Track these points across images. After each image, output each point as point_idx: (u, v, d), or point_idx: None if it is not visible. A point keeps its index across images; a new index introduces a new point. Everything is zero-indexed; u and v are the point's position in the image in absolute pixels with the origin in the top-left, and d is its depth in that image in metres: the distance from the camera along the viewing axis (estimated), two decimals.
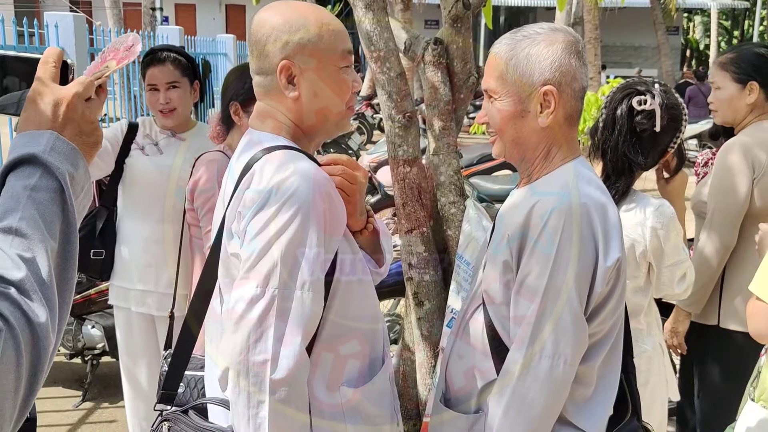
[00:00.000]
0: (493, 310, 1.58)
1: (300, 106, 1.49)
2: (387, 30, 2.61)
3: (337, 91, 1.50)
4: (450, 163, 2.79)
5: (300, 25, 1.46)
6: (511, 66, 1.55)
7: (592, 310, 1.48)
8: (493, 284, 1.57)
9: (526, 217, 1.49)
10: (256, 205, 1.37)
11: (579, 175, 1.54)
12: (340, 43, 1.49)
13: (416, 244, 2.78)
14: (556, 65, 1.53)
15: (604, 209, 1.49)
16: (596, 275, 1.46)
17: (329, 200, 1.41)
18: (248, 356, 1.32)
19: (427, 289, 2.81)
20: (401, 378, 3.06)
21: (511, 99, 1.56)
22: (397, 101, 2.67)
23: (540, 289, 1.45)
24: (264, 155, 1.43)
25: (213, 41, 11.00)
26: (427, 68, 2.79)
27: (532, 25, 1.60)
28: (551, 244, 1.45)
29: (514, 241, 1.52)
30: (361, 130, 10.31)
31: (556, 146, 1.58)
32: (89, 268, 2.95)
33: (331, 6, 19.66)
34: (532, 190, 1.56)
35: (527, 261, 1.48)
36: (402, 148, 2.72)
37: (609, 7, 13.94)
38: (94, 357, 3.71)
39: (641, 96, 1.94)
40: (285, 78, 1.46)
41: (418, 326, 2.84)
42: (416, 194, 2.76)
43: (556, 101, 1.53)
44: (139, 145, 2.91)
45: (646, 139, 1.94)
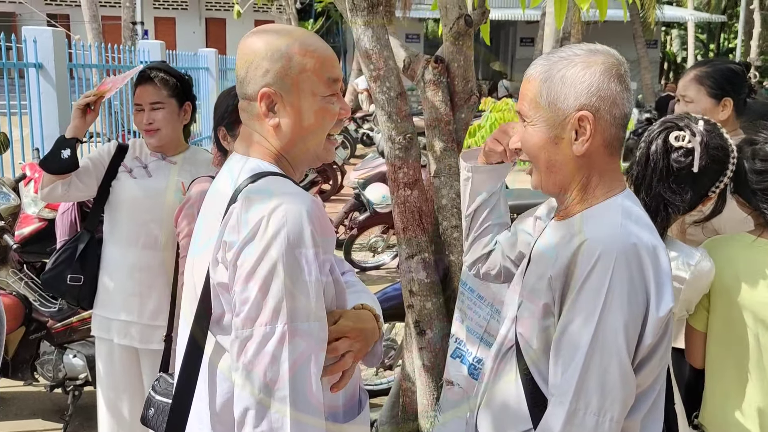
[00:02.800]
0: (529, 356, 1.46)
1: (280, 133, 1.45)
2: (387, 48, 2.50)
3: (318, 121, 1.45)
4: (452, 186, 2.68)
5: (282, 53, 1.42)
6: (545, 89, 1.44)
7: (639, 361, 1.37)
8: (531, 328, 1.45)
9: (572, 259, 1.37)
10: (245, 237, 1.33)
11: (628, 212, 1.42)
12: (325, 72, 1.44)
13: (417, 270, 2.66)
14: (594, 89, 1.41)
15: (656, 253, 1.38)
16: (646, 325, 1.35)
17: (319, 223, 1.35)
18: (267, 395, 1.29)
19: (429, 317, 2.69)
20: (401, 409, 2.93)
21: (545, 124, 1.45)
22: (398, 122, 2.55)
23: (586, 338, 1.33)
24: (248, 183, 1.39)
25: (194, 56, 10.84)
26: (427, 88, 2.68)
27: (571, 46, 1.48)
28: (599, 289, 1.33)
29: (557, 283, 1.39)
30: (344, 144, 10.18)
31: (597, 177, 1.46)
32: (66, 293, 2.81)
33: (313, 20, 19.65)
34: (576, 227, 1.44)
35: (572, 307, 1.36)
36: (402, 170, 2.60)
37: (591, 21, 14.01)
38: (76, 387, 3.53)
39: (680, 131, 1.79)
40: (265, 105, 1.43)
41: (419, 356, 2.72)
42: (417, 218, 2.64)
43: (593, 128, 1.42)
44: (127, 168, 2.77)
45: (684, 179, 1.77)
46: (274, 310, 1.30)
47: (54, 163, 2.63)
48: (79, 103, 2.65)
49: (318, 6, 20.72)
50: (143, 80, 2.71)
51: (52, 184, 2.68)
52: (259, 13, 26.24)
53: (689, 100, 2.57)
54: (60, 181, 2.67)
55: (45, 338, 3.56)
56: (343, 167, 9.85)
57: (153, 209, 2.72)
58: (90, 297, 2.82)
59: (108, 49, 6.98)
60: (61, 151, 2.61)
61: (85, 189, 2.75)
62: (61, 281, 2.78)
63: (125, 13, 11.65)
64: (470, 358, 2.55)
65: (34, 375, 3.60)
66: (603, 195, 1.46)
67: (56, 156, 2.62)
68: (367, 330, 1.46)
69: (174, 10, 27.01)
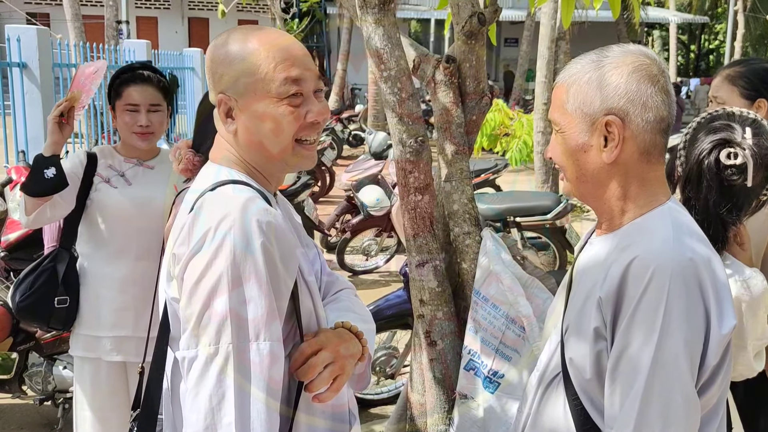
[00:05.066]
0: (580, 385, 1.35)
1: (239, 140, 1.38)
2: (398, 47, 2.40)
3: (276, 126, 1.34)
4: (464, 191, 2.58)
5: (236, 56, 1.35)
6: (572, 94, 1.36)
7: (702, 385, 1.27)
8: (581, 354, 1.34)
9: (622, 277, 1.27)
10: (191, 249, 1.26)
11: (678, 223, 1.32)
12: (282, 73, 1.33)
13: (428, 278, 2.55)
14: (621, 91, 1.32)
15: (712, 266, 1.28)
16: (708, 346, 1.24)
17: (274, 234, 1.26)
18: (213, 420, 1.19)
19: (441, 327, 2.58)
20: (408, 422, 2.82)
21: (573, 131, 1.37)
22: (409, 124, 2.45)
23: (644, 363, 1.22)
24: (206, 192, 1.33)
25: (180, 55, 10.69)
26: (438, 88, 2.57)
27: (604, 48, 1.39)
28: (656, 310, 1.22)
29: (607, 305, 1.29)
30: (332, 145, 10.05)
31: (636, 186, 1.37)
32: (52, 318, 2.58)
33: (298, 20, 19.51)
34: (622, 241, 1.34)
35: (627, 329, 1.25)
36: (413, 175, 2.50)
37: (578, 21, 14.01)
38: (66, 400, 3.39)
39: (731, 149, 1.69)
40: (223, 112, 1.37)
41: (430, 368, 2.61)
42: (428, 224, 2.54)
43: (621, 133, 1.33)
44: (103, 178, 2.59)
45: (738, 193, 1.67)
46: (217, 328, 1.21)
47: (39, 185, 2.40)
48: (53, 115, 2.45)
49: (303, 6, 20.57)
50: (138, 80, 2.57)
51: (39, 209, 2.46)
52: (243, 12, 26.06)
53: (721, 101, 2.46)
54: (47, 204, 2.46)
55: (33, 349, 3.41)
56: (332, 168, 9.73)
57: (143, 218, 2.57)
58: (74, 318, 2.65)
59: (92, 49, 6.82)
60: (43, 170, 2.38)
61: (67, 206, 2.54)
62: (46, 306, 2.56)
63: (108, 12, 11.45)
64: (485, 370, 2.45)
65: (22, 387, 3.45)
66: (647, 205, 1.37)
67: (39, 177, 2.39)
68: (342, 349, 1.35)
69: (156, 9, 26.72)
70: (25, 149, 5.20)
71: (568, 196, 1.46)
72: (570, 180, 1.41)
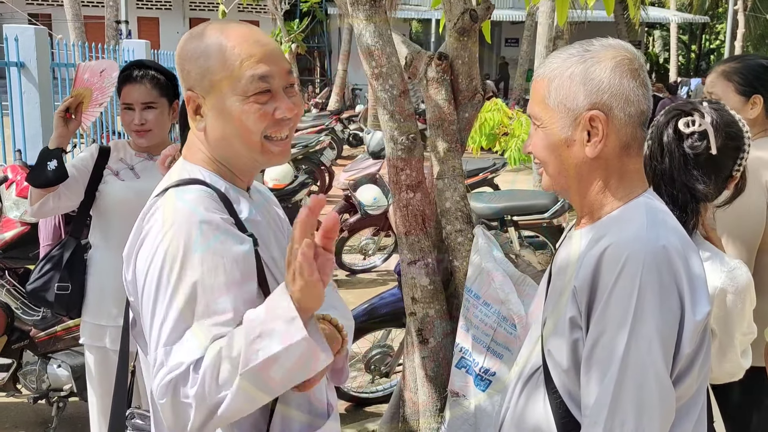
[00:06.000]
0: (558, 376, 1.35)
1: (208, 137, 1.37)
2: (390, 44, 2.39)
3: (242, 123, 1.32)
4: (456, 188, 2.58)
5: (202, 51, 1.33)
6: (553, 88, 1.35)
7: (678, 372, 1.26)
8: (558, 345, 1.34)
9: (596, 266, 1.26)
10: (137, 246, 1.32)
11: (653, 213, 1.32)
12: (249, 70, 1.30)
13: (420, 276, 2.55)
14: (605, 86, 1.32)
15: (687, 254, 1.28)
16: (683, 332, 1.24)
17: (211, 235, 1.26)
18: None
19: (433, 325, 2.58)
20: (401, 420, 2.82)
21: (555, 126, 1.36)
22: (400, 121, 2.45)
23: (618, 351, 1.22)
24: (158, 198, 1.34)
25: None
26: (430, 85, 2.57)
27: (583, 42, 1.38)
28: (629, 297, 1.21)
29: (582, 294, 1.28)
30: (332, 145, 10.04)
31: (616, 179, 1.37)
32: (54, 303, 2.66)
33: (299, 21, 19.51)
34: (598, 232, 1.34)
35: (600, 317, 1.25)
36: (405, 172, 2.50)
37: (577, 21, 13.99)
38: (61, 399, 3.38)
39: (688, 116, 1.70)
40: (191, 109, 1.36)
41: (422, 366, 2.61)
42: (420, 222, 2.54)
43: (605, 128, 1.33)
44: (113, 170, 2.64)
45: (704, 164, 1.67)
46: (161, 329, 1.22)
47: (41, 176, 2.50)
48: (59, 110, 2.52)
49: (303, 6, 20.56)
50: (131, 79, 2.58)
51: (42, 199, 2.55)
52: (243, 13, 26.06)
53: (716, 97, 2.44)
54: (50, 195, 2.55)
55: (28, 348, 3.41)
56: (331, 168, 9.72)
57: None
58: (79, 305, 2.69)
59: (91, 49, 6.82)
60: (46, 163, 2.48)
61: (74, 198, 2.62)
62: (48, 291, 2.64)
63: (108, 12, 11.46)
64: (476, 368, 2.44)
65: (17, 386, 3.45)
66: (625, 197, 1.37)
67: (42, 169, 2.49)
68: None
69: (158, 10, 26.74)
70: (22, 148, 5.19)
71: (548, 190, 1.45)
72: (551, 175, 1.40)
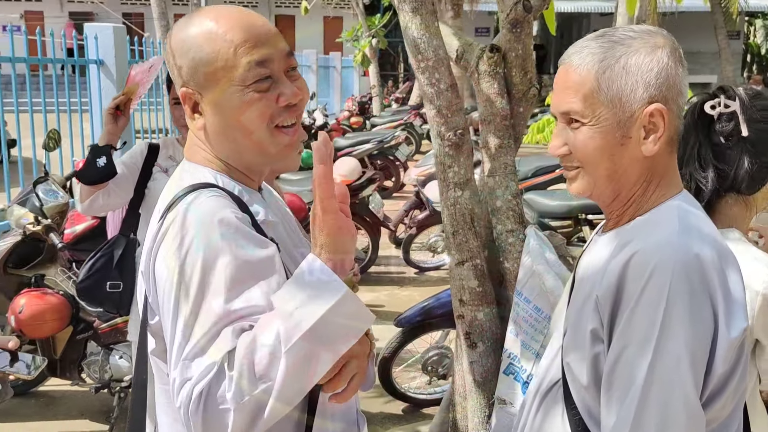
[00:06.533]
0: (577, 391, 1.24)
1: (208, 136, 1.26)
2: (437, 37, 2.30)
3: (246, 115, 1.20)
4: (507, 186, 2.46)
5: (191, 43, 1.21)
6: (605, 80, 1.21)
7: (710, 393, 1.13)
8: (578, 359, 1.23)
9: (621, 274, 1.15)
10: (163, 272, 1.16)
11: (686, 217, 1.20)
12: (244, 57, 1.19)
13: (468, 278, 2.45)
14: (663, 77, 1.20)
15: (723, 265, 1.15)
16: (716, 350, 1.11)
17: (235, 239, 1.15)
18: None
19: (481, 329, 2.48)
20: (450, 425, 2.73)
21: (607, 123, 1.22)
22: (448, 116, 2.35)
23: (642, 368, 1.10)
24: (177, 201, 1.21)
25: None
26: (481, 79, 2.46)
27: (618, 29, 1.26)
28: (656, 309, 1.09)
29: (605, 304, 1.17)
30: (409, 140, 10.00)
31: (656, 179, 1.25)
32: (105, 301, 2.69)
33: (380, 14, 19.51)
34: (625, 238, 1.22)
35: (624, 330, 1.13)
36: (452, 170, 2.40)
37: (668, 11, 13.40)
38: (122, 389, 3.47)
39: (715, 99, 1.51)
40: (189, 107, 1.25)
41: (470, 370, 2.51)
42: (468, 221, 2.44)
43: (665, 123, 1.20)
44: (162, 168, 2.66)
45: (736, 148, 1.50)
46: (183, 343, 1.11)
47: (91, 173, 2.54)
48: (109, 107, 2.56)
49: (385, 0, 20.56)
50: None
51: (92, 196, 2.60)
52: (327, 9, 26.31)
53: None
54: (100, 192, 2.58)
55: (92, 338, 3.50)
56: (406, 164, 9.67)
57: None
58: (129, 303, 2.72)
59: None
60: (96, 160, 2.52)
61: (124, 195, 2.66)
62: (100, 289, 2.68)
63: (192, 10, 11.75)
64: (524, 375, 2.33)
65: (81, 375, 3.55)
66: (658, 199, 1.25)
67: (92, 166, 2.53)
68: (357, 346, 1.20)
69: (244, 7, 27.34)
70: None
71: (580, 195, 1.32)
72: (596, 177, 1.25)
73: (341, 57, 17.31)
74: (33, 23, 21.56)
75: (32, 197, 3.39)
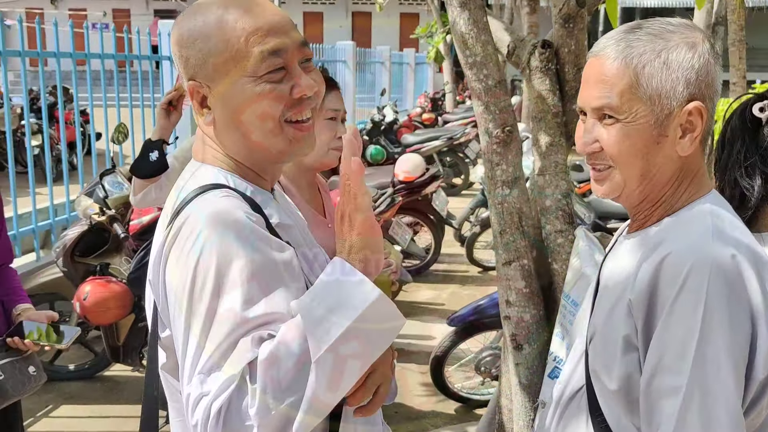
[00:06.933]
0: (605, 400, 1.20)
1: (218, 132, 1.18)
2: (485, 32, 2.26)
3: (256, 109, 1.13)
4: (558, 185, 2.40)
5: (199, 32, 1.13)
6: (645, 75, 1.15)
7: (750, 401, 1.08)
8: (607, 366, 1.18)
9: (654, 277, 1.10)
10: (178, 288, 1.09)
11: (718, 218, 1.14)
12: (256, 46, 1.12)
13: (515, 278, 2.41)
14: (703, 74, 1.15)
15: (760, 266, 1.09)
16: (756, 355, 1.06)
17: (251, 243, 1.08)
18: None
19: (528, 330, 2.43)
20: (497, 428, 2.69)
21: (644, 121, 1.16)
22: (496, 113, 2.31)
23: (683, 375, 1.05)
24: (186, 204, 1.14)
25: (332, 48, 10.96)
26: (533, 75, 2.41)
27: (654, 21, 1.20)
28: (693, 313, 1.05)
29: (638, 309, 1.12)
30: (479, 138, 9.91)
31: (687, 179, 1.20)
32: None
33: None
34: (655, 239, 1.17)
35: (661, 337, 1.08)
36: (500, 167, 2.36)
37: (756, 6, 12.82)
38: None
39: (763, 101, 1.43)
40: (197, 102, 1.17)
41: (516, 372, 2.47)
42: (516, 221, 2.39)
43: (704, 121, 1.15)
44: None
45: None
46: (196, 355, 1.04)
47: (143, 167, 2.59)
48: (162, 103, 2.61)
49: None
50: None
51: (145, 189, 2.64)
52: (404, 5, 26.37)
53: None
54: (152, 185, 2.63)
55: None
56: (476, 161, 9.58)
57: None
58: None
59: None
60: (148, 154, 2.57)
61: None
62: None
63: None
64: None
65: (142, 362, 3.67)
66: (687, 199, 1.19)
67: (145, 160, 2.58)
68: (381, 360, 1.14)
69: (322, 5, 27.70)
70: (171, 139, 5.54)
71: (606, 197, 1.27)
72: (628, 177, 1.20)
73: (415, 53, 17.28)
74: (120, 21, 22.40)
75: (98, 188, 3.52)
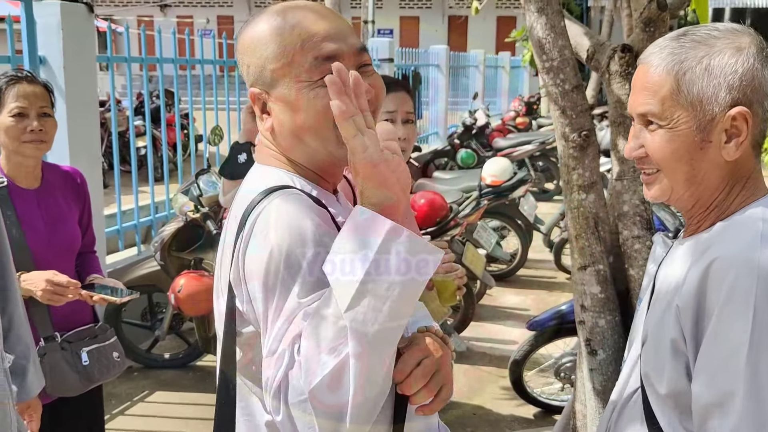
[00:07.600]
0: (656, 401, 1.21)
1: (277, 137, 1.20)
2: (562, 36, 2.28)
3: (311, 115, 1.13)
4: (636, 190, 2.38)
5: (258, 40, 1.16)
6: (686, 82, 1.16)
7: None
8: (657, 369, 1.19)
9: (701, 282, 1.10)
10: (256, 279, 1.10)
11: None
12: (312, 51, 1.13)
13: (590, 283, 2.40)
14: (748, 79, 1.13)
15: None
16: None
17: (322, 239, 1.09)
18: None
19: (602, 336, 2.42)
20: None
21: (686, 127, 1.17)
22: (572, 117, 2.32)
23: (736, 381, 1.05)
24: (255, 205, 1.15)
25: (425, 52, 11.02)
26: (612, 79, 2.40)
27: (701, 27, 1.20)
28: (743, 317, 1.05)
29: (686, 314, 1.12)
30: None
31: (740, 183, 1.19)
32: None
33: None
34: (704, 244, 1.17)
35: (711, 342, 1.09)
36: (577, 172, 2.36)
37: None
38: None
39: None
40: (258, 108, 1.20)
41: (590, 378, 2.46)
42: (592, 225, 2.38)
43: (749, 127, 1.14)
44: None
45: None
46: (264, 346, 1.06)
47: (232, 169, 2.68)
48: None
49: None
50: None
51: (233, 190, 2.78)
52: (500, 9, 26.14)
53: None
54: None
55: None
56: None
57: None
58: None
59: None
60: (237, 156, 2.68)
61: None
62: None
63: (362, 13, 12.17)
64: None
65: None
66: (741, 204, 1.18)
67: (234, 162, 2.67)
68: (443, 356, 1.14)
69: (419, 9, 27.81)
70: None
71: (657, 201, 1.28)
72: (674, 183, 1.21)
73: (510, 57, 17.13)
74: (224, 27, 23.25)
75: (194, 187, 3.72)
